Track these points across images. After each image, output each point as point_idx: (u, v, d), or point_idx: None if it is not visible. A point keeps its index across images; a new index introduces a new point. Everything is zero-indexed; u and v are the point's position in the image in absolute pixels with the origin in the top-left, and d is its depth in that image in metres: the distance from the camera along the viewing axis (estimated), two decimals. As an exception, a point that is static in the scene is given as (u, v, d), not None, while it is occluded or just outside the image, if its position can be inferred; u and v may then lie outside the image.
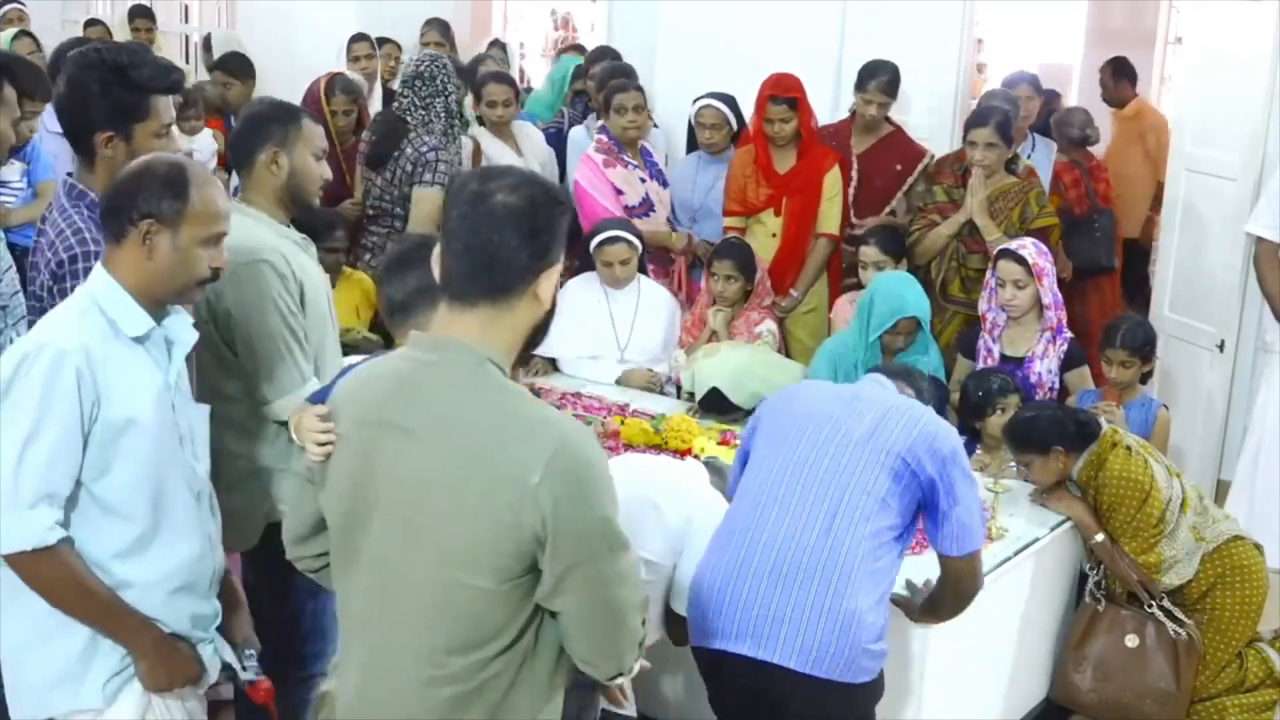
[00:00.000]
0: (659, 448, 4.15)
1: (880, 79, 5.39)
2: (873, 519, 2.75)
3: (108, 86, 2.81)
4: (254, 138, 3.12)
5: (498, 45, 7.31)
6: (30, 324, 2.94)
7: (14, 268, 3.21)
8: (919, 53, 5.84)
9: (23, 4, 7.65)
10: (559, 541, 1.91)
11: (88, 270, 2.76)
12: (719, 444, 4.11)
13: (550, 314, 2.06)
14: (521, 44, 11.17)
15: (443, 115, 5.21)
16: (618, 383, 4.88)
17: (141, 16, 8.01)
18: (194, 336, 2.56)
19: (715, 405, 4.49)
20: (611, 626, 2.01)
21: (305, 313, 3.04)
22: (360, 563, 2.05)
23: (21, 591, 2.38)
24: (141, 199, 2.41)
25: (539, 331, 2.06)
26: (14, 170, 4.59)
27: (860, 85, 5.42)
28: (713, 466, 3.42)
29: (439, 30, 7.13)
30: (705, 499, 3.12)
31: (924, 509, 2.83)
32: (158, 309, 2.49)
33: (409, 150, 5.08)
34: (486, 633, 1.96)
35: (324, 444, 2.07)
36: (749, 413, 4.56)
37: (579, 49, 7.69)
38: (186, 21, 10.45)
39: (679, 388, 4.79)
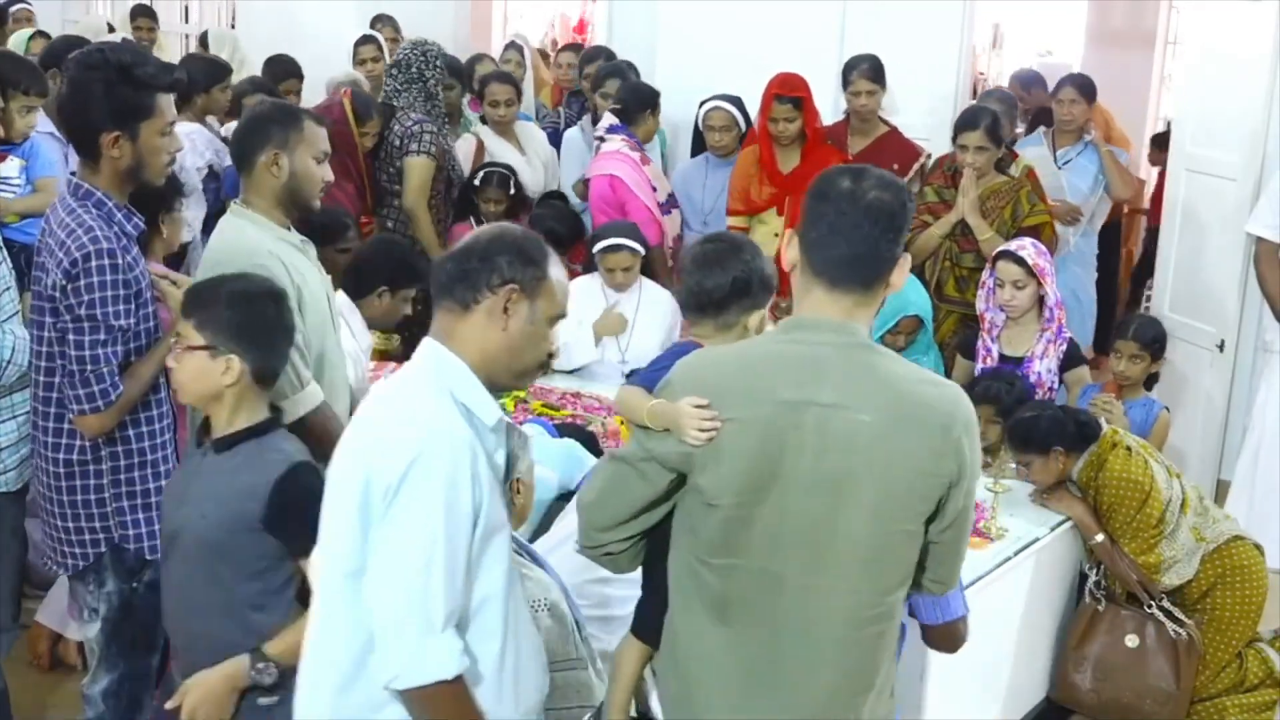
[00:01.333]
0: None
1: (862, 67, 5.43)
2: None
3: (112, 86, 2.80)
4: (254, 139, 3.12)
5: (514, 48, 7.25)
6: (34, 322, 2.94)
7: (8, 263, 3.20)
8: (919, 53, 5.85)
9: (29, 3, 7.68)
10: (964, 482, 2.18)
11: (101, 268, 2.76)
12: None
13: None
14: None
15: (421, 98, 5.55)
16: (594, 329, 4.86)
17: (143, 16, 8.02)
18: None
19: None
20: (964, 549, 2.32)
21: (304, 317, 3.01)
22: (753, 532, 2.17)
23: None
24: (506, 263, 2.19)
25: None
26: (12, 166, 4.57)
27: (845, 82, 5.48)
28: None
29: (391, 25, 7.37)
30: None
31: None
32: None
33: (396, 127, 5.46)
34: (906, 571, 2.23)
35: (709, 430, 2.14)
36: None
37: (577, 49, 7.67)
38: (187, 21, 10.45)
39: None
